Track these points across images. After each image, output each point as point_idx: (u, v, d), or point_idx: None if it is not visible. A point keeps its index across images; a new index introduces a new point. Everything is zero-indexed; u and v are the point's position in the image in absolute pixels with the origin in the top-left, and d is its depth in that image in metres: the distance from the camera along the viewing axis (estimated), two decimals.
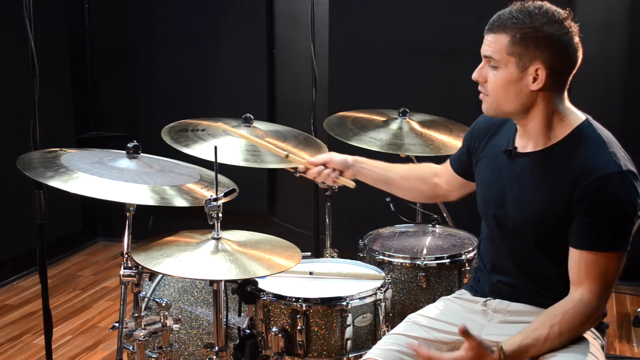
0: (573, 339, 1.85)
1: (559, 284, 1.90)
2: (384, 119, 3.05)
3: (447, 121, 3.10)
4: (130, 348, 2.27)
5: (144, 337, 2.21)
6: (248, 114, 2.72)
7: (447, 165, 2.28)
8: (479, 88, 1.93)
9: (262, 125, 2.79)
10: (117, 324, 2.21)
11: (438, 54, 3.98)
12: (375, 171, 2.31)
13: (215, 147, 2.13)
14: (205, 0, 4.45)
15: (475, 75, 1.91)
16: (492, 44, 1.85)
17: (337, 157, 2.31)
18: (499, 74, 1.86)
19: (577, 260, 1.84)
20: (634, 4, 3.84)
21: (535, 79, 1.83)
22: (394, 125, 2.98)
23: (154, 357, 2.37)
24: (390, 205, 2.96)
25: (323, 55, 4.10)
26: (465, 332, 1.74)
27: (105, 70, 4.86)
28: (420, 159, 2.98)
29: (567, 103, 1.91)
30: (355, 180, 2.31)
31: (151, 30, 4.60)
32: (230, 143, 2.60)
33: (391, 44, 4.09)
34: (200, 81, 4.53)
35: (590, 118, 1.92)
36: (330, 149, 2.84)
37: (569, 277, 1.87)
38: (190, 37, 4.52)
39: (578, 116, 1.91)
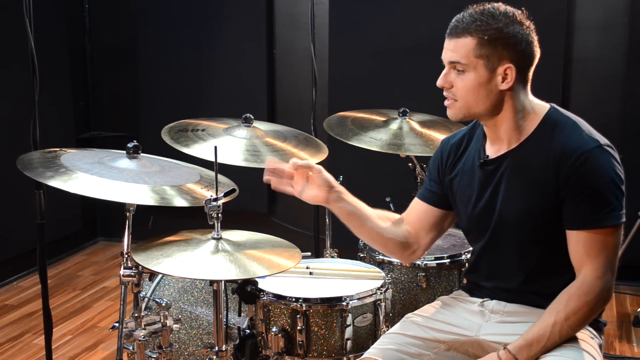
0: (583, 323, 1.86)
1: (560, 282, 1.90)
2: (384, 119, 3.05)
3: (447, 121, 3.09)
4: (130, 348, 2.27)
5: (144, 337, 2.21)
6: (248, 114, 2.72)
7: (414, 206, 2.17)
8: (445, 94, 1.94)
9: (262, 125, 2.79)
10: (117, 324, 2.21)
11: (438, 54, 3.96)
12: (353, 204, 2.05)
13: (215, 147, 2.13)
14: (205, 1, 4.45)
15: (440, 82, 1.93)
16: (458, 49, 1.88)
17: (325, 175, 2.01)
18: (467, 77, 1.88)
19: (575, 242, 1.85)
20: (634, 4, 3.84)
21: (504, 79, 1.86)
22: (394, 125, 2.98)
23: (154, 357, 2.37)
24: (390, 205, 2.95)
25: (323, 55, 4.10)
26: None
27: (105, 70, 4.86)
28: (420, 159, 2.98)
29: (531, 96, 1.94)
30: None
31: (151, 30, 4.60)
32: (230, 143, 2.60)
33: (391, 44, 4.09)
34: (200, 81, 4.53)
35: (554, 105, 1.95)
36: (330, 149, 2.84)
37: (569, 273, 1.88)
38: (190, 37, 4.52)
39: (543, 105, 1.95)
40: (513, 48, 1.84)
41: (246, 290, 2.29)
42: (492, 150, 1.98)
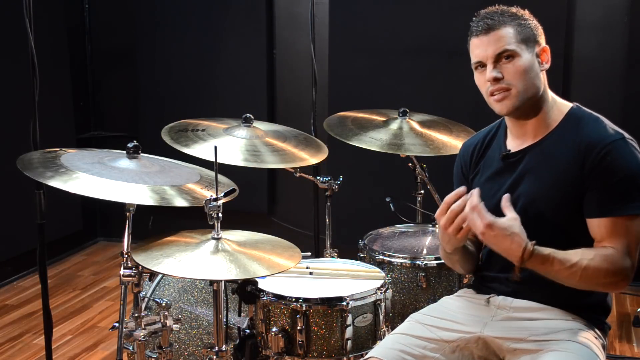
0: (591, 281, 1.85)
1: None
2: (384, 119, 3.05)
3: (447, 121, 3.09)
4: (130, 348, 2.27)
5: (144, 337, 2.21)
6: (248, 114, 2.72)
7: None
8: (494, 88, 1.94)
9: (262, 125, 2.79)
10: (117, 324, 2.21)
11: (438, 54, 3.97)
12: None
13: (215, 147, 2.13)
14: (205, 1, 4.45)
15: (493, 74, 1.94)
16: (500, 38, 1.94)
17: None
18: (518, 61, 1.93)
19: (596, 227, 1.89)
20: (634, 4, 3.84)
21: (543, 59, 1.97)
22: (394, 125, 2.98)
23: (154, 357, 2.37)
24: (391, 205, 2.96)
25: (323, 55, 4.10)
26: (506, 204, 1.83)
27: (105, 70, 4.86)
28: (420, 159, 2.98)
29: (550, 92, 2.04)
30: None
31: (151, 30, 4.60)
32: (230, 143, 2.60)
33: (391, 44, 4.09)
34: (200, 81, 4.54)
35: (577, 104, 2.03)
36: (330, 149, 2.85)
37: None
38: (190, 37, 4.52)
39: (565, 103, 2.03)
40: (538, 34, 1.98)
41: (246, 290, 2.29)
42: (515, 144, 2.03)
